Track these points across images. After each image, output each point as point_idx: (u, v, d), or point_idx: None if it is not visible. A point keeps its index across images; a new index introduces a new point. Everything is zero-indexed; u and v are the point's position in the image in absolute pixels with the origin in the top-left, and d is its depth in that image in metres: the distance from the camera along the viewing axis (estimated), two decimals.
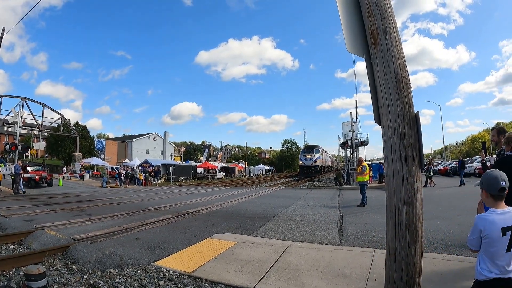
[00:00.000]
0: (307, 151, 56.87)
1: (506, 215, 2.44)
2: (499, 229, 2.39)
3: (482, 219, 2.47)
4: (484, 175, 2.60)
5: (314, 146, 58.68)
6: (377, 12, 3.23)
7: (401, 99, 3.06)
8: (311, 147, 58.74)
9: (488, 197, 2.53)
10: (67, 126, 51.06)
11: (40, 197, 18.59)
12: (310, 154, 54.56)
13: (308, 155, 54.39)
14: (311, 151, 55.95)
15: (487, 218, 2.44)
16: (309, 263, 5.46)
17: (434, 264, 5.04)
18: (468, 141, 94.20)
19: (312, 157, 53.48)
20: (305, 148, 61.32)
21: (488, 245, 2.43)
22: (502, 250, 2.40)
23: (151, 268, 5.35)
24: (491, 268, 2.42)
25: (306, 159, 54.11)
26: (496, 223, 2.40)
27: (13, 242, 7.17)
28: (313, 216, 10.57)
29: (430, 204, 11.84)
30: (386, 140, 3.15)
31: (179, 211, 12.00)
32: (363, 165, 13.60)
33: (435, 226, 7.70)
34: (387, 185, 3.20)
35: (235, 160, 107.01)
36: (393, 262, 3.12)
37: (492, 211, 2.47)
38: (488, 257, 2.45)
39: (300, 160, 57.97)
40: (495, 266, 2.41)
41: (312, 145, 61.80)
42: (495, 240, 2.40)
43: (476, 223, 2.49)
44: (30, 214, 11.15)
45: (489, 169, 2.77)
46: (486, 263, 2.45)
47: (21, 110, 36.07)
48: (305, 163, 54.13)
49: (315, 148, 57.26)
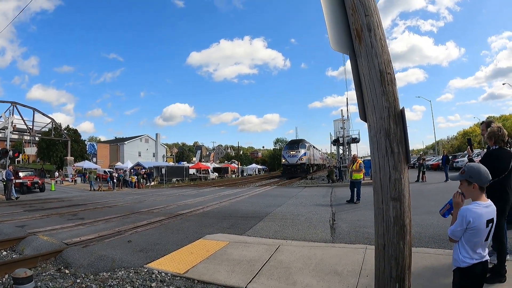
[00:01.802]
0: (291, 147, 47.87)
1: (490, 208, 2.61)
2: (485, 222, 2.55)
3: (472, 212, 2.55)
4: (474, 169, 2.68)
5: (299, 141, 49.78)
6: (361, 8, 3.25)
7: (386, 95, 3.07)
8: (295, 142, 49.70)
9: (475, 189, 2.63)
10: (58, 130, 50.83)
11: (33, 203, 18.48)
12: (294, 150, 45.94)
13: (292, 151, 45.85)
14: (296, 146, 47.02)
15: (476, 211, 2.55)
16: (301, 261, 5.47)
17: (425, 259, 5.07)
18: (460, 135, 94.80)
19: (297, 154, 44.97)
20: (289, 144, 51.18)
21: (471, 236, 2.57)
22: (483, 239, 2.59)
23: (143, 271, 5.34)
24: (472, 255, 2.58)
25: (289, 156, 45.57)
26: (483, 215, 2.55)
27: (5, 248, 7.15)
28: (305, 214, 10.59)
29: (421, 199, 11.91)
30: (372, 136, 3.16)
31: (171, 212, 11.96)
32: (359, 162, 13.50)
33: (426, 221, 7.74)
34: (374, 182, 3.21)
35: (228, 160, 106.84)
36: (382, 258, 3.14)
37: (479, 204, 2.59)
38: (469, 246, 2.60)
39: (282, 157, 48.39)
40: (475, 253, 2.59)
41: (297, 139, 53.41)
42: (480, 231, 2.56)
43: (465, 215, 2.56)
44: (22, 219, 11.08)
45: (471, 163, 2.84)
46: (467, 251, 2.60)
47: (12, 115, 35.88)
48: (288, 161, 45.60)
49: (300, 143, 48.29)
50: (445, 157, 22.76)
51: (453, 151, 73.06)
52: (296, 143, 49.01)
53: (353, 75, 3.33)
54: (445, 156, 23.19)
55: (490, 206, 2.61)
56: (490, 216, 2.59)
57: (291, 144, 49.72)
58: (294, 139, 54.72)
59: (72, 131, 60.43)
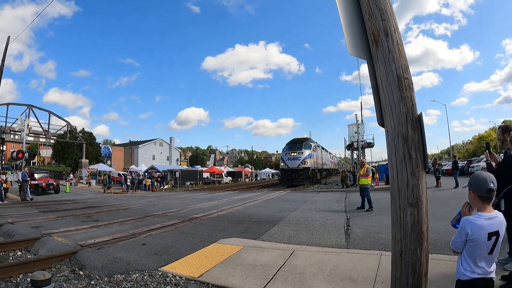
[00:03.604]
0: (291, 147, 37.94)
1: (493, 220, 2.48)
2: (486, 234, 2.44)
3: (470, 223, 2.48)
4: (473, 176, 2.62)
5: (302, 140, 39.38)
6: (377, 13, 3.23)
7: (404, 100, 3.05)
8: (298, 142, 39.09)
9: (476, 198, 2.55)
10: (73, 133, 51.47)
11: (47, 204, 18.70)
12: (296, 151, 36.57)
13: (293, 153, 36.50)
14: (299, 146, 37.22)
15: (476, 223, 2.46)
16: (316, 266, 5.43)
17: (441, 266, 5.00)
18: (475, 140, 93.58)
19: (299, 156, 35.73)
20: (290, 143, 39.70)
21: (472, 248, 2.48)
22: (485, 253, 2.46)
23: (157, 274, 5.35)
24: (474, 269, 2.47)
25: (289, 159, 36.35)
26: (484, 228, 2.44)
27: (20, 248, 7.21)
28: (320, 219, 10.51)
29: (436, 204, 11.75)
30: (390, 142, 3.13)
31: (185, 216, 11.98)
32: (366, 167, 13.34)
33: (441, 227, 7.61)
34: (391, 187, 3.18)
35: (242, 164, 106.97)
36: (399, 264, 3.11)
37: (480, 215, 2.49)
38: (471, 259, 2.50)
39: (281, 160, 38.92)
40: (478, 267, 2.47)
41: (300, 138, 41.44)
42: (480, 244, 2.45)
43: (464, 226, 2.50)
44: (37, 220, 11.19)
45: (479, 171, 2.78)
46: (469, 264, 2.50)
47: (28, 118, 36.44)
48: (287, 165, 36.24)
49: (304, 142, 38.23)
50: (454, 162, 22.42)
51: (468, 156, 72.09)
52: (299, 142, 38.65)
53: (371, 80, 3.32)
54: (454, 161, 22.84)
55: (494, 218, 2.48)
56: (494, 229, 2.45)
57: (292, 143, 39.10)
58: (296, 138, 41.98)
59: (87, 134, 61.29)
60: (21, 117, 35.70)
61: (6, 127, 40.64)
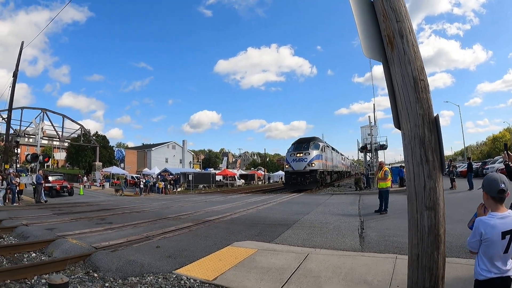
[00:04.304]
0: (297, 147, 34.51)
1: (507, 219, 2.51)
2: (499, 233, 2.47)
3: (484, 223, 2.52)
4: (485, 177, 2.66)
5: (310, 140, 35.63)
6: (392, 15, 3.22)
7: (420, 102, 3.03)
8: (304, 141, 35.48)
9: (488, 199, 2.59)
10: (87, 136, 52.17)
11: (61, 206, 18.89)
12: (302, 151, 33.07)
13: (299, 154, 33.00)
14: (305, 146, 33.77)
15: (488, 222, 2.50)
16: (330, 270, 5.39)
17: (456, 269, 4.94)
18: (489, 141, 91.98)
19: (306, 157, 32.33)
20: (295, 143, 36.09)
21: (487, 248, 2.51)
22: (500, 252, 2.49)
23: (172, 276, 5.36)
24: (490, 268, 2.51)
25: (295, 160, 32.82)
26: (497, 227, 2.47)
27: (35, 250, 7.26)
28: (334, 222, 10.44)
29: (451, 207, 11.59)
30: (407, 144, 3.11)
31: (199, 219, 11.98)
32: (385, 170, 12.97)
33: (457, 230, 7.52)
34: (408, 190, 3.16)
35: (254, 167, 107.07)
36: (415, 268, 3.09)
37: (493, 215, 2.53)
38: (486, 258, 2.53)
39: (285, 161, 35.68)
40: (494, 266, 2.50)
41: (307, 137, 37.61)
42: (495, 243, 2.48)
43: (478, 226, 2.54)
44: (51, 222, 11.26)
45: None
46: (485, 263, 2.54)
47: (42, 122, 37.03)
48: (293, 167, 32.76)
49: (312, 142, 34.70)
50: (468, 164, 22.13)
51: (482, 157, 71.03)
52: (305, 142, 35.15)
53: (386, 82, 3.30)
54: (468, 163, 22.55)
55: (507, 218, 2.50)
56: (507, 228, 2.47)
57: (298, 143, 35.60)
58: (302, 137, 38.41)
59: (101, 137, 61.91)
60: (35, 120, 36.38)
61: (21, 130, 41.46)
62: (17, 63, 27.73)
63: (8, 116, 28.74)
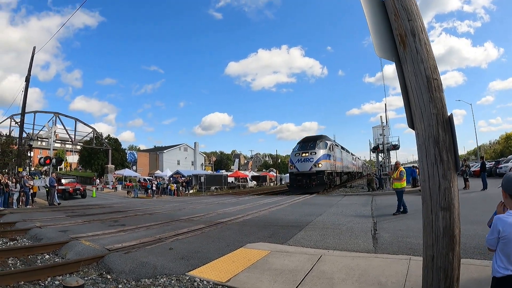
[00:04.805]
0: (302, 146, 32.04)
1: None
2: None
3: (502, 220, 2.51)
4: (505, 176, 2.67)
5: (316, 138, 32.99)
6: (403, 13, 3.21)
7: (434, 102, 3.01)
8: (311, 140, 32.76)
9: (507, 198, 2.59)
10: (99, 139, 52.66)
11: (74, 208, 19.12)
12: (307, 151, 30.56)
13: (304, 153, 30.54)
14: (311, 145, 31.08)
15: (507, 220, 2.49)
16: (344, 271, 5.36)
17: (471, 270, 4.87)
18: (502, 139, 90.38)
19: (312, 157, 29.84)
20: (301, 142, 33.40)
21: (504, 245, 2.50)
22: None
23: (185, 278, 5.37)
24: (507, 266, 2.49)
25: (300, 160, 30.41)
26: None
27: (48, 252, 7.33)
28: (346, 223, 10.38)
29: (465, 207, 11.37)
30: (421, 144, 3.09)
31: (211, 220, 12.00)
32: (400, 170, 12.73)
33: (471, 231, 7.42)
34: (423, 191, 3.13)
35: (266, 169, 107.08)
36: (430, 269, 3.06)
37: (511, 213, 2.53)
38: (504, 256, 2.52)
39: (290, 162, 33.21)
40: (511, 264, 2.49)
41: (313, 136, 35.08)
42: None
43: (496, 224, 2.54)
44: (64, 224, 11.39)
45: None
46: (502, 261, 2.53)
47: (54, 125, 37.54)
48: (298, 168, 30.39)
49: (318, 140, 32.06)
50: (481, 163, 21.83)
51: (496, 156, 69.97)
52: (312, 140, 32.35)
53: (399, 82, 3.27)
54: (481, 162, 22.25)
55: None
56: None
57: (304, 142, 32.78)
58: (309, 136, 35.70)
59: (113, 140, 62.42)
60: (48, 124, 36.88)
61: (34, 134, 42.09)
62: (29, 68, 28.20)
63: (21, 120, 29.23)
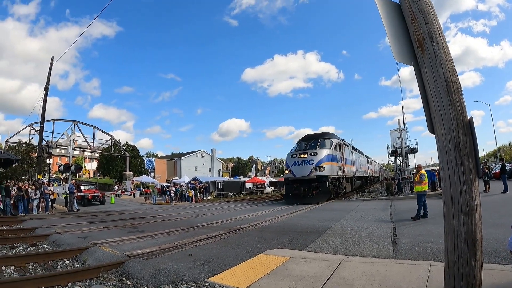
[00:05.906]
0: (301, 146, 26.33)
1: None
2: None
3: None
4: None
5: (319, 136, 26.89)
6: (420, 17, 3.19)
7: (454, 105, 2.98)
8: (311, 138, 26.67)
9: None
10: (117, 147, 53.32)
11: (94, 215, 19.41)
12: (307, 151, 24.42)
13: (302, 154, 24.41)
14: (312, 145, 25.13)
15: None
16: (364, 278, 5.31)
17: (492, 275, 4.76)
18: None
19: (312, 159, 23.64)
20: (300, 141, 27.53)
21: None
22: None
23: (204, 285, 5.37)
24: None
25: (297, 163, 24.39)
26: None
27: (68, 258, 7.43)
28: (366, 229, 10.26)
29: (486, 211, 11.18)
30: (441, 148, 3.06)
31: (230, 227, 12.03)
32: (421, 173, 12.46)
33: (492, 235, 7.29)
34: (444, 196, 3.10)
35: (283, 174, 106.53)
36: (452, 275, 3.03)
37: None
38: None
39: (285, 165, 27.49)
40: None
41: (315, 134, 29.12)
42: None
43: None
44: (84, 231, 11.55)
45: None
46: None
47: (73, 133, 38.27)
48: (294, 173, 24.37)
49: (321, 138, 25.89)
50: (501, 165, 21.35)
51: None
52: (313, 139, 26.21)
53: (418, 86, 3.25)
54: (502, 164, 21.76)
55: None
56: None
57: (303, 141, 26.97)
58: (309, 134, 29.98)
59: (131, 147, 63.13)
60: (67, 132, 37.65)
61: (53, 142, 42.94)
62: (48, 77, 28.82)
63: (40, 128, 29.87)
